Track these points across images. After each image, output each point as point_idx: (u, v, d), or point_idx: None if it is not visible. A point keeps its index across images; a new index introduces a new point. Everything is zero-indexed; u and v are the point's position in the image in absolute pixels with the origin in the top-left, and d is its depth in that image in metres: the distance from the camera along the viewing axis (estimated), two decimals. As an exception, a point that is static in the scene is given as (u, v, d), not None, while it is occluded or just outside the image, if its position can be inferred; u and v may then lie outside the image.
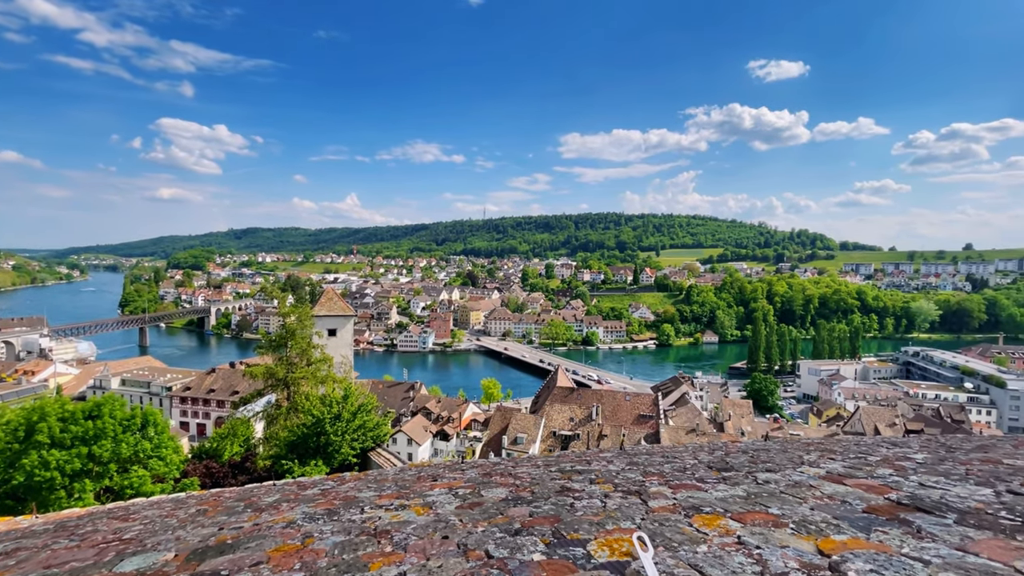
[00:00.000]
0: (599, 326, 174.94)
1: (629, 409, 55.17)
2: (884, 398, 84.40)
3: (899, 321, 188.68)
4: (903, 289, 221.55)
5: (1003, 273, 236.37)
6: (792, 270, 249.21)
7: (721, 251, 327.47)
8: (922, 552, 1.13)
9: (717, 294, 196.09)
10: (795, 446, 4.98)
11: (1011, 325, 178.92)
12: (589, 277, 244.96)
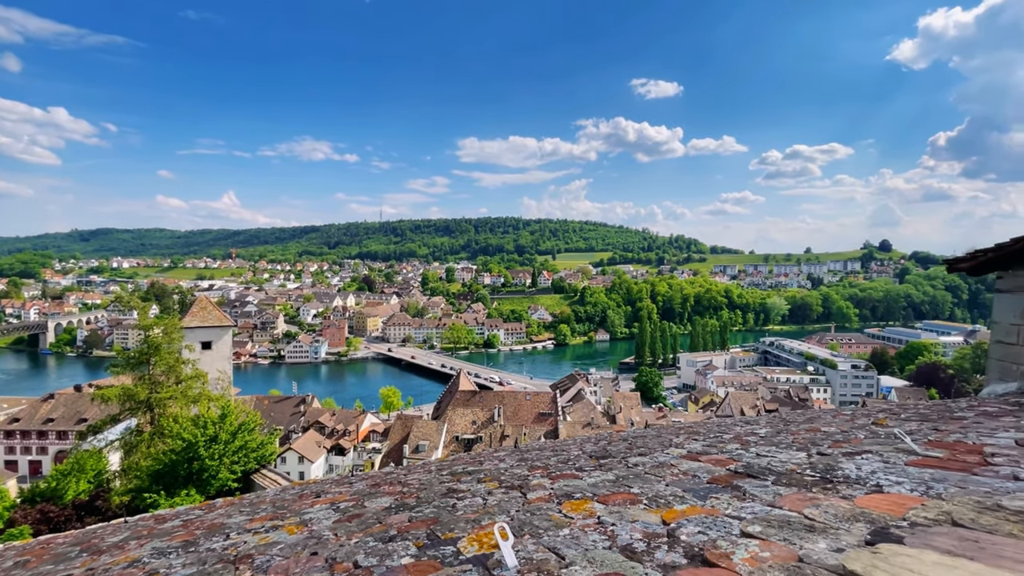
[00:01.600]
0: (500, 328, 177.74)
1: (530, 408, 56.71)
2: (748, 383, 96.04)
3: (758, 315, 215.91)
4: (761, 287, 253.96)
5: (833, 272, 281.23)
6: (671, 272, 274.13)
7: (611, 255, 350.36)
8: (740, 511, 1.29)
9: (608, 295, 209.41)
10: (669, 431, 5.48)
11: (840, 316, 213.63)
12: (490, 280, 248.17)
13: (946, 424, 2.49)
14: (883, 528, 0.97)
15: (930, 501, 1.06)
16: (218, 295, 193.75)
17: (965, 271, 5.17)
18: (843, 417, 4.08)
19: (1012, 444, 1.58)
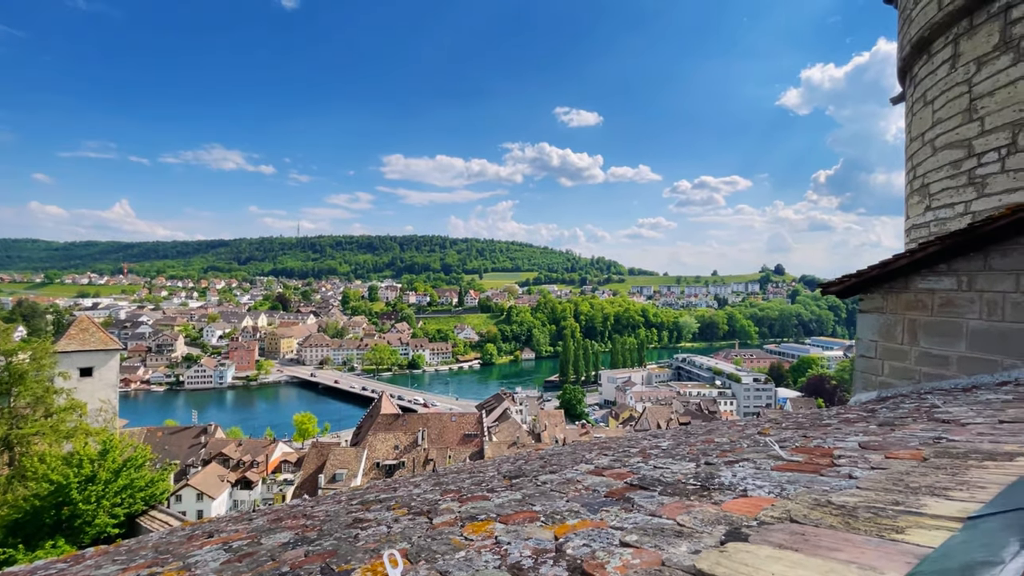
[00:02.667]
0: (425, 348, 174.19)
1: (455, 430, 55.74)
2: (663, 398, 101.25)
3: (672, 333, 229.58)
4: (674, 307, 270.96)
5: (736, 293, 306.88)
6: (593, 292, 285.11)
7: (536, 275, 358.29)
8: (624, 522, 1.36)
9: (533, 314, 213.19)
10: (584, 447, 5.64)
11: (743, 334, 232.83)
12: (415, 299, 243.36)
13: (814, 431, 2.80)
14: (737, 529, 1.07)
15: (779, 501, 1.19)
16: (104, 315, 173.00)
17: (835, 294, 5.88)
18: (736, 428, 4.43)
19: (856, 446, 1.81)
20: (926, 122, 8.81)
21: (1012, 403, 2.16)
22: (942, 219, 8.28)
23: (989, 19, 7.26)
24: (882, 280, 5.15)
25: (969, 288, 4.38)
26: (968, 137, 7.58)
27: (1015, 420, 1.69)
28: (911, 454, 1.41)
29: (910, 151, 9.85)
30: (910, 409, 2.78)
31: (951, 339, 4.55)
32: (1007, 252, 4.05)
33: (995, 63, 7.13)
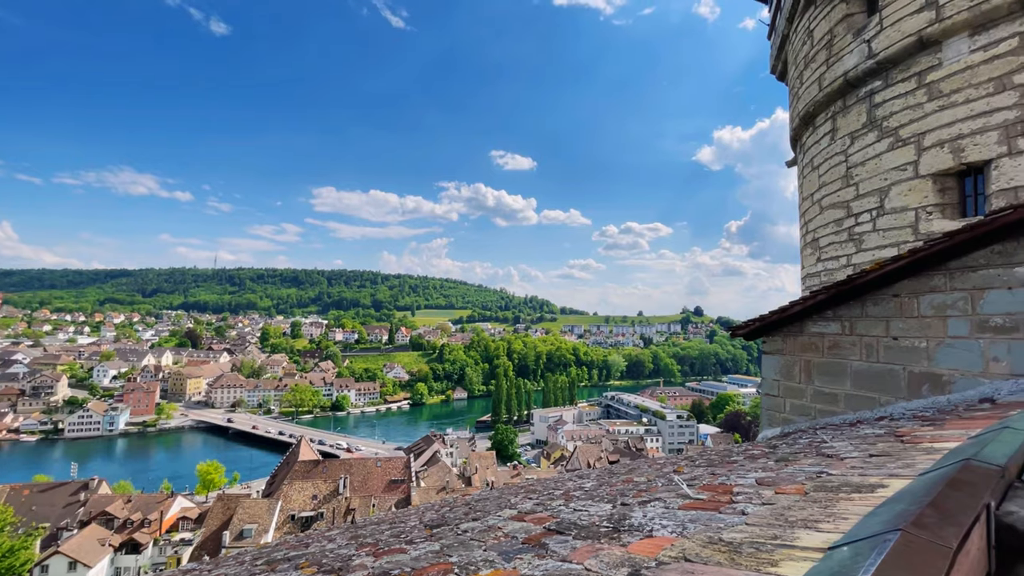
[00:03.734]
0: (351, 389, 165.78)
1: (380, 476, 52.80)
2: (593, 436, 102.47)
3: (601, 371, 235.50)
4: (603, 346, 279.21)
5: (660, 333, 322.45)
6: (526, 330, 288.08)
7: (470, 312, 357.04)
8: (535, 569, 1.35)
9: (466, 352, 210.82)
10: (510, 491, 5.56)
11: (667, 372, 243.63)
12: (342, 337, 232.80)
13: (722, 467, 2.96)
14: (637, 571, 1.10)
15: (679, 540, 1.25)
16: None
17: (743, 336, 6.37)
18: (656, 466, 4.57)
19: (753, 483, 1.95)
20: (814, 184, 10.03)
21: (883, 437, 2.44)
22: (830, 269, 9.32)
23: (858, 101, 8.52)
24: (781, 324, 5.67)
25: (851, 332, 4.92)
26: (847, 200, 8.70)
27: (882, 453, 1.91)
28: (796, 488, 1.55)
29: (802, 209, 11.11)
30: (803, 445, 3.03)
31: (839, 378, 5.05)
32: (878, 301, 4.63)
33: (864, 138, 8.33)
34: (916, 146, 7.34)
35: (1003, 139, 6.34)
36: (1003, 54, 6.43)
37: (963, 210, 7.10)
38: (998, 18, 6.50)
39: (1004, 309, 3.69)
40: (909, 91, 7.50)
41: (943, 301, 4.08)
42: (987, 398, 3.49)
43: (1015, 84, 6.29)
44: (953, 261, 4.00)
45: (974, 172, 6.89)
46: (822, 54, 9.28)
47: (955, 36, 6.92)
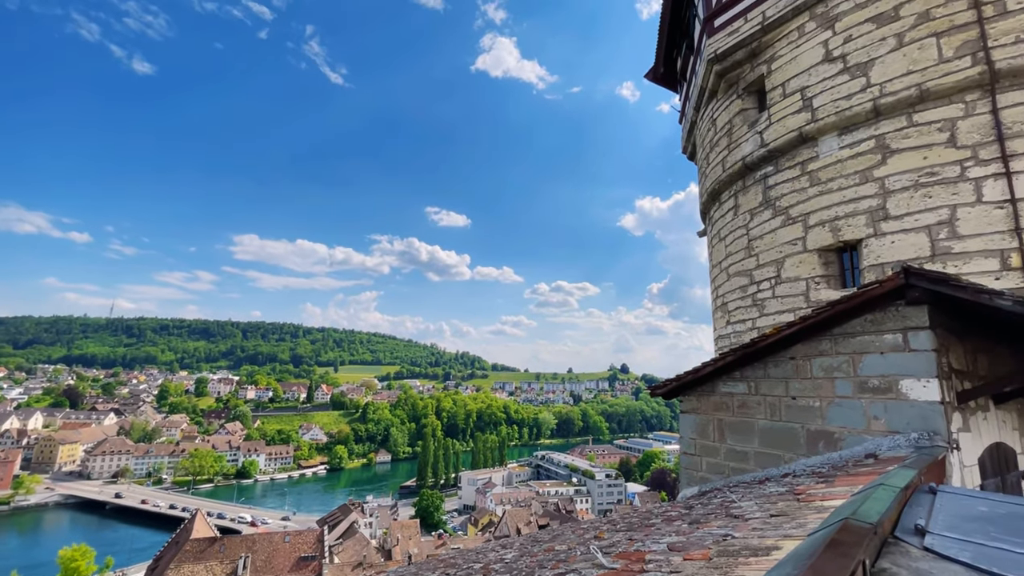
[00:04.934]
0: (261, 453, 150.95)
1: (288, 553, 47.42)
2: (523, 499, 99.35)
3: (532, 430, 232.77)
4: (534, 403, 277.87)
5: (589, 390, 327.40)
6: (457, 387, 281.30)
7: (398, 368, 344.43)
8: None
9: (393, 411, 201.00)
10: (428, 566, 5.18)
11: (596, 429, 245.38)
12: (255, 395, 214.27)
13: (640, 531, 2.96)
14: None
15: (587, 619, 1.20)
16: None
17: (662, 396, 6.61)
18: (579, 532, 4.49)
19: (665, 548, 1.96)
20: (721, 254, 11.00)
21: (783, 496, 2.57)
22: (738, 332, 10.07)
23: (755, 183, 9.62)
24: (696, 384, 5.97)
25: (757, 392, 5.27)
26: (750, 268, 9.59)
27: (781, 513, 2.01)
28: (702, 554, 1.57)
29: (713, 275, 12.08)
30: (716, 506, 3.12)
31: (748, 437, 5.33)
32: (778, 363, 5.03)
33: (761, 215, 9.35)
34: (803, 224, 8.34)
35: (870, 222, 7.38)
36: (864, 152, 7.62)
37: (844, 281, 8.05)
38: (858, 123, 7.75)
39: (879, 371, 4.14)
40: (795, 177, 8.61)
41: (830, 364, 4.52)
42: (871, 454, 3.82)
43: (875, 177, 7.43)
44: (836, 328, 4.48)
45: (850, 248, 7.91)
46: (724, 140, 10.51)
47: (827, 134, 8.13)
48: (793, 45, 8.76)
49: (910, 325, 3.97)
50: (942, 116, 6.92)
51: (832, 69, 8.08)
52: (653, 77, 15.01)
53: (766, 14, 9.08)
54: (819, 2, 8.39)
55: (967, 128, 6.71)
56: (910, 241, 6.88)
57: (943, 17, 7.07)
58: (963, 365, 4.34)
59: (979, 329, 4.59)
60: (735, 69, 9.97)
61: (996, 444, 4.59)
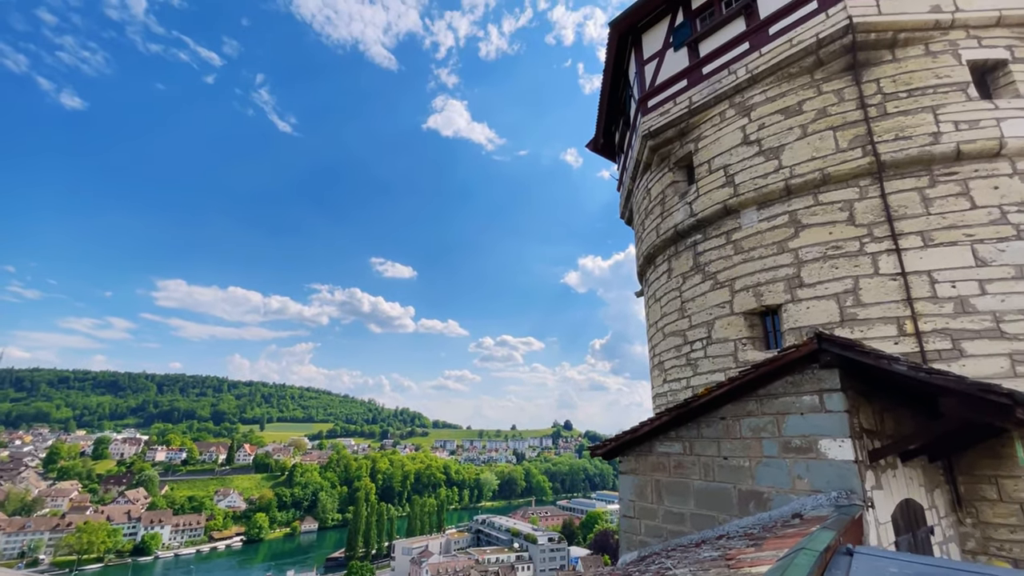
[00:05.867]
0: (166, 524, 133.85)
1: (188, 644, 41.15)
2: (461, 568, 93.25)
3: (472, 491, 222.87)
4: (475, 462, 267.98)
5: (533, 448, 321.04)
6: (395, 446, 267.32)
7: (332, 426, 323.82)
8: None
9: (322, 473, 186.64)
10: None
11: (539, 490, 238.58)
12: (165, 456, 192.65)
13: (579, 605, 2.83)
14: None
15: None
16: None
17: (602, 456, 6.59)
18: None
19: (601, 626, 1.88)
20: (657, 314, 11.49)
21: (716, 561, 2.59)
22: (674, 390, 10.37)
23: (686, 248, 10.29)
24: (634, 444, 6.02)
25: (691, 452, 5.38)
26: (683, 329, 10.05)
27: (714, 582, 2.02)
28: (636, 634, 1.53)
29: (650, 334, 12.53)
30: (652, 573, 3.08)
31: (684, 498, 5.37)
32: (710, 423, 5.20)
33: (693, 279, 9.95)
34: (730, 289, 8.94)
35: (787, 289, 8.03)
36: (780, 225, 8.41)
37: (767, 343, 8.60)
38: (774, 199, 8.59)
39: (800, 432, 4.37)
40: (722, 245, 9.31)
41: (757, 424, 4.72)
42: (797, 513, 3.95)
43: (790, 248, 8.17)
44: (761, 389, 4.73)
45: (772, 312, 8.51)
46: (658, 208, 11.28)
47: (748, 208, 8.93)
48: (716, 128, 9.75)
49: (824, 387, 4.26)
50: (842, 197, 7.83)
51: (750, 151, 9.02)
52: (594, 147, 16.08)
53: (692, 99, 10.11)
54: (737, 93, 9.48)
55: (863, 209, 7.61)
56: (822, 307, 7.52)
57: (838, 114, 8.17)
58: (872, 425, 4.67)
59: (883, 391, 5.00)
60: (667, 145, 10.91)
61: (906, 500, 4.89)
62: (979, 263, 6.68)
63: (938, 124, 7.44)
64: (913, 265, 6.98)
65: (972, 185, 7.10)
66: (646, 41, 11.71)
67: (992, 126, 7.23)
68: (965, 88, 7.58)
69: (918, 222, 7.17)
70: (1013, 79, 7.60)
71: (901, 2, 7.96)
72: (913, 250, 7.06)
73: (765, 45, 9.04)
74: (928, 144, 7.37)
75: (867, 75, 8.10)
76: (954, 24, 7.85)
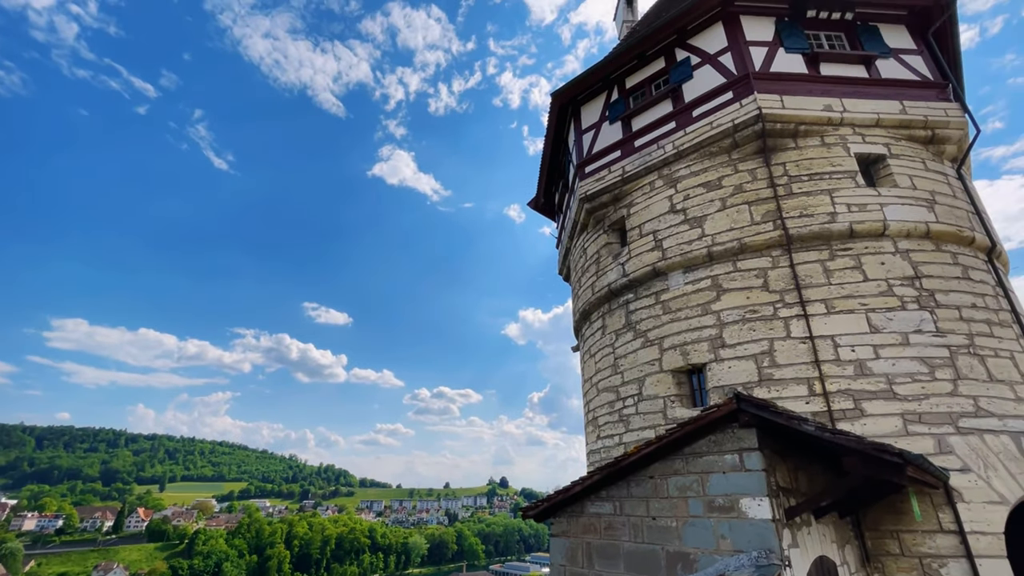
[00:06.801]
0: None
1: None
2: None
3: (400, 557, 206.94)
4: (404, 524, 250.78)
5: (466, 508, 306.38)
6: (315, 507, 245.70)
7: (245, 485, 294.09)
8: None
9: (229, 540, 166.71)
10: None
11: (471, 553, 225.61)
12: (37, 524, 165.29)
13: None
14: None
15: None
16: None
17: (533, 518, 6.39)
18: None
19: None
20: (592, 369, 11.67)
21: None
22: (607, 447, 10.40)
23: (620, 307, 10.67)
24: (565, 505, 5.90)
25: (622, 512, 5.34)
26: (616, 385, 10.24)
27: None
28: None
29: (584, 389, 12.65)
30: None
31: (615, 561, 5.27)
32: (640, 482, 5.22)
33: (625, 336, 10.27)
34: (659, 347, 9.30)
35: (711, 349, 8.47)
36: (704, 288, 8.98)
37: (694, 401, 8.91)
38: (698, 264, 9.21)
39: (723, 491, 4.48)
40: (651, 304, 9.75)
41: (684, 483, 4.80)
42: (721, 574, 3.97)
43: (713, 310, 8.69)
44: (686, 447, 4.85)
45: (698, 371, 8.89)
46: (593, 267, 11.74)
47: (675, 271, 9.50)
48: (647, 196, 10.48)
49: (744, 446, 4.44)
50: (757, 266, 8.54)
51: (676, 219, 9.72)
52: (535, 206, 16.71)
53: (625, 169, 10.87)
54: (665, 165, 10.32)
55: (775, 277, 8.32)
56: (742, 367, 7.96)
57: (752, 191, 9.05)
58: (788, 482, 4.88)
59: (797, 449, 5.28)
60: (602, 209, 11.54)
61: (820, 558, 5.07)
62: (872, 330, 7.41)
63: (834, 205, 8.43)
64: (819, 330, 7.62)
65: (864, 260, 8.00)
66: (584, 112, 12.62)
67: (877, 210, 8.28)
68: (854, 176, 8.69)
69: (822, 291, 7.91)
70: (891, 171, 8.83)
71: (801, 100, 9.17)
72: (819, 316, 7.74)
73: (690, 125, 10.00)
74: (827, 222, 8.29)
75: (775, 159, 9.12)
76: (843, 122, 9.11)
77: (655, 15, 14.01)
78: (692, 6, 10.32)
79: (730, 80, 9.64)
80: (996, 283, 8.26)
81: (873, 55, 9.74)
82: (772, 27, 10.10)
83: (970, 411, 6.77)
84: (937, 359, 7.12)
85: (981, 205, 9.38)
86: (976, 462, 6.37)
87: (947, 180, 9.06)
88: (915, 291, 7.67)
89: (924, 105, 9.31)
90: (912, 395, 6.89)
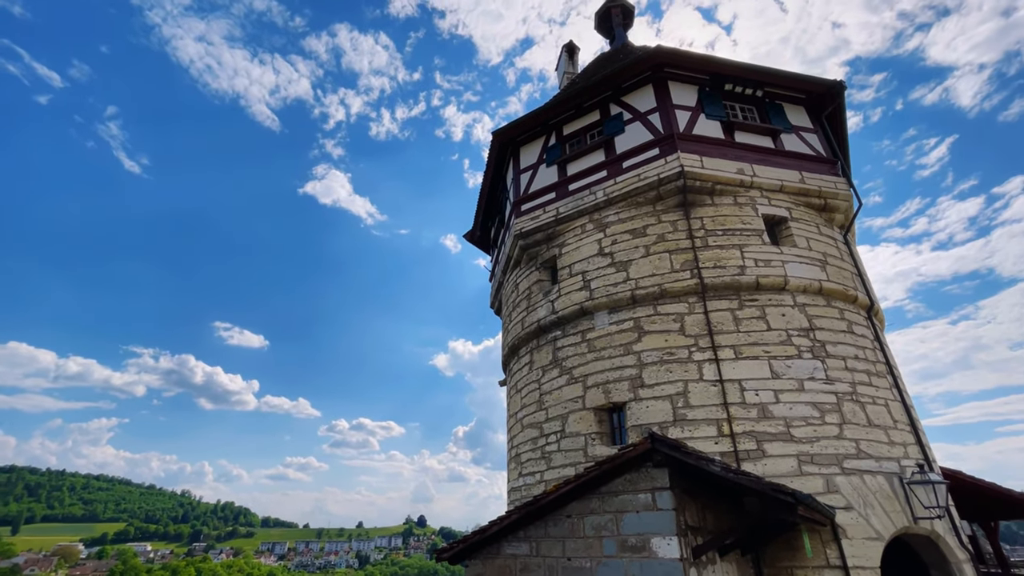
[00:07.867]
0: None
1: None
2: None
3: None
4: (309, 569, 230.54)
5: (380, 549, 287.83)
6: (207, 551, 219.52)
7: (123, 526, 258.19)
8: None
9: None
10: None
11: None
12: None
13: None
14: None
15: None
16: None
17: (447, 560, 6.13)
18: None
19: None
20: (517, 405, 11.65)
21: None
22: (528, 484, 10.30)
23: (547, 343, 10.84)
24: (482, 546, 5.72)
25: (538, 554, 5.26)
26: (540, 421, 10.27)
27: None
28: None
29: (509, 424, 12.56)
30: None
31: (528, 605, 5.13)
32: (557, 522, 5.20)
33: (551, 372, 10.40)
34: (583, 384, 9.49)
35: (631, 388, 8.77)
36: (626, 329, 9.36)
37: (614, 439, 9.11)
38: (622, 306, 9.61)
39: (636, 530, 4.56)
40: (578, 342, 9.99)
41: (599, 522, 4.83)
42: (631, 618, 3.98)
43: (634, 351, 9.06)
44: (603, 486, 4.91)
45: (618, 409, 9.14)
46: (524, 303, 11.90)
47: (600, 311, 9.85)
48: (578, 238, 10.90)
49: (656, 486, 4.57)
50: (675, 310, 9.06)
51: (604, 261, 10.16)
52: (471, 238, 16.82)
53: (559, 210, 11.29)
54: (596, 210, 10.83)
55: (691, 322, 8.85)
56: (659, 407, 8.30)
57: (673, 240, 9.70)
58: (696, 521, 5.07)
59: (705, 488, 5.52)
60: (535, 247, 11.83)
61: (724, 597, 5.25)
62: (774, 375, 8.04)
63: (744, 259, 9.21)
64: (728, 374, 8.16)
65: (768, 311, 8.75)
66: (524, 153, 13.06)
67: (779, 266, 9.15)
68: (761, 234, 9.58)
69: (731, 337, 8.52)
70: (791, 232, 9.84)
71: (718, 162, 10.08)
72: (728, 361, 8.29)
73: (620, 175, 10.64)
74: (737, 274, 9.01)
75: (694, 212, 9.87)
76: (753, 185, 10.09)
77: (594, 70, 15.00)
78: (627, 66, 11.18)
79: (657, 138, 10.44)
80: (874, 337, 9.33)
81: (779, 129, 10.98)
82: (695, 94, 11.14)
83: (853, 453, 7.47)
84: (827, 404, 7.84)
85: (863, 268, 10.66)
86: (857, 500, 6.98)
87: (836, 244, 10.24)
88: (809, 341, 8.47)
89: (819, 177, 10.56)
90: (806, 437, 7.49)
